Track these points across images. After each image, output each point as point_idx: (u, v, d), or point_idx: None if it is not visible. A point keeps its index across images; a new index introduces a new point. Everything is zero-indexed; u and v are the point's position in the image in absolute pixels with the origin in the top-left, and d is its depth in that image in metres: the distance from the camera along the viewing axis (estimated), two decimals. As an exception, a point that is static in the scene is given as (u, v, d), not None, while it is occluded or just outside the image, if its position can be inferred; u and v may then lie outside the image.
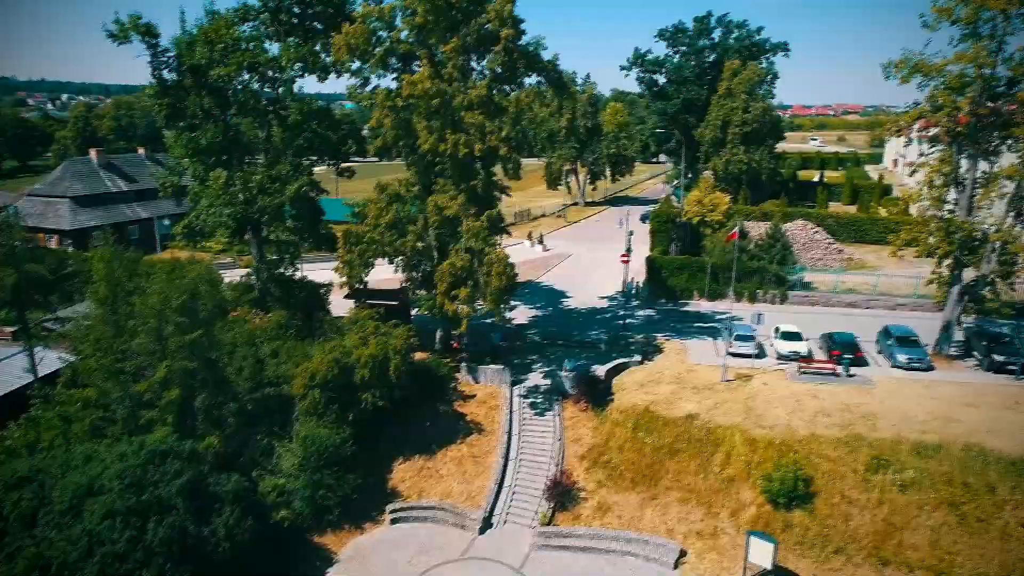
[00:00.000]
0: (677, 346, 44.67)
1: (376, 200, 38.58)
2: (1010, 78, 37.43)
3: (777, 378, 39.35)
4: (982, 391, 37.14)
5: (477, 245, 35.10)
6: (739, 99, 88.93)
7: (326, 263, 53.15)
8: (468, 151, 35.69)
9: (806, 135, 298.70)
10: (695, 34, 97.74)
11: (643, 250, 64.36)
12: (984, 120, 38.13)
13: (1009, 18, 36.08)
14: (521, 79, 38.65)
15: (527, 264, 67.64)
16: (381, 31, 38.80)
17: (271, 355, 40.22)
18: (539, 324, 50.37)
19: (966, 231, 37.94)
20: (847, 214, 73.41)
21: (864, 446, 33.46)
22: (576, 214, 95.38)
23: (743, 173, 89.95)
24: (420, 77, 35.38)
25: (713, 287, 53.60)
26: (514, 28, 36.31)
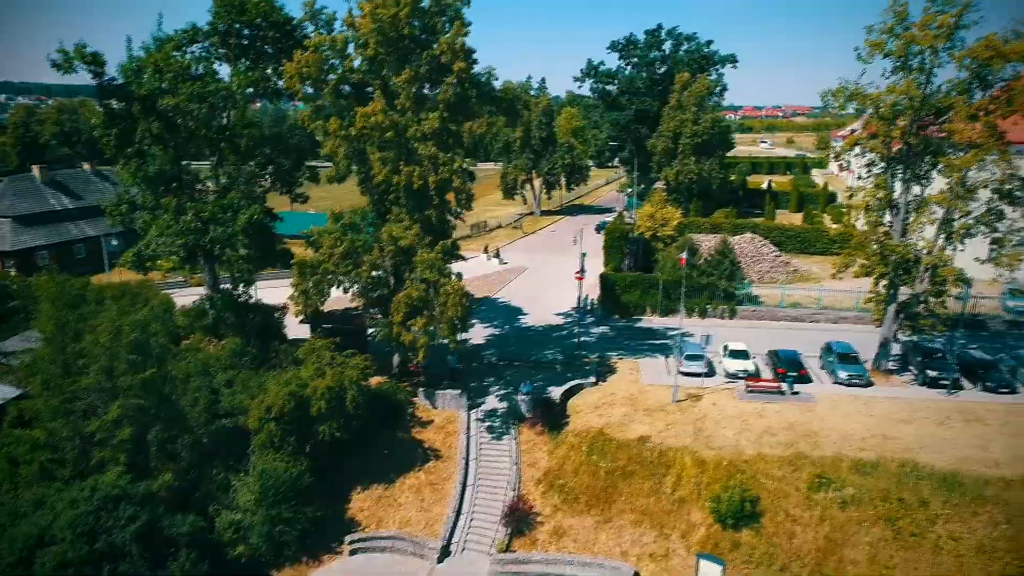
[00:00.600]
0: (630, 365, 45.73)
1: (330, 230, 38.64)
2: (939, 108, 39.38)
3: (726, 397, 40.67)
4: (917, 407, 39.01)
5: (432, 276, 35.48)
6: (689, 111, 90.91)
7: (283, 279, 52.76)
8: (422, 183, 36.07)
9: (756, 137, 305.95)
10: (646, 46, 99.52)
11: (598, 263, 65.60)
12: (915, 147, 40.05)
13: (936, 52, 38.00)
14: (474, 108, 39.08)
15: (483, 279, 68.39)
16: (333, 60, 38.90)
17: (225, 385, 40.03)
18: (496, 344, 50.94)
19: (900, 254, 39.77)
20: (793, 226, 75.73)
21: (807, 464, 34.93)
22: (532, 224, 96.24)
23: (694, 183, 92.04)
24: (372, 110, 35.61)
25: (665, 303, 54.93)
26: (466, 60, 36.81)
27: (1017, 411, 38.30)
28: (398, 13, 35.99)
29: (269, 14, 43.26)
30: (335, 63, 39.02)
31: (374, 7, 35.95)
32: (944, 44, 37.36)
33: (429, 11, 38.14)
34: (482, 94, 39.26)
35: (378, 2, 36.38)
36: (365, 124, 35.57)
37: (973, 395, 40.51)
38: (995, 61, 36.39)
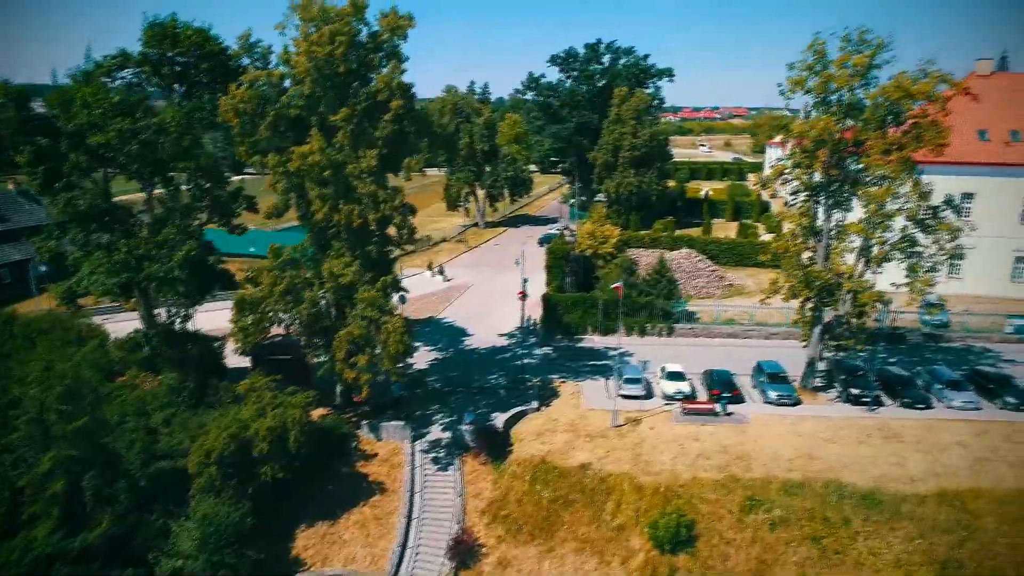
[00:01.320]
0: (572, 388, 46.79)
1: (270, 266, 38.41)
2: (857, 141, 41.58)
3: (663, 420, 42.08)
4: (841, 425, 41.14)
5: (373, 315, 35.71)
6: (628, 125, 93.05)
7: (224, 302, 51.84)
8: (362, 220, 36.25)
9: (695, 140, 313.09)
10: (585, 60, 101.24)
11: (541, 279, 66.44)
12: (835, 178, 42.19)
13: (853, 90, 40.17)
14: (413, 143, 39.43)
15: (428, 298, 68.62)
16: (270, 95, 38.67)
17: (163, 424, 39.49)
18: (440, 368, 51.32)
19: (823, 279, 41.84)
20: (728, 239, 78.25)
21: (739, 487, 36.54)
22: (476, 237, 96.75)
23: (634, 195, 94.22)
24: (310, 149, 35.60)
25: (605, 323, 56.23)
26: (404, 98, 37.14)
27: (931, 426, 40.79)
28: (333, 51, 36.07)
29: (203, 45, 42.77)
30: (272, 98, 38.75)
31: (309, 45, 35.96)
32: (859, 83, 39.51)
33: (366, 46, 38.34)
34: (421, 129, 39.60)
35: (313, 39, 36.40)
36: (302, 164, 35.51)
37: (892, 411, 42.93)
38: (904, 100, 38.70)
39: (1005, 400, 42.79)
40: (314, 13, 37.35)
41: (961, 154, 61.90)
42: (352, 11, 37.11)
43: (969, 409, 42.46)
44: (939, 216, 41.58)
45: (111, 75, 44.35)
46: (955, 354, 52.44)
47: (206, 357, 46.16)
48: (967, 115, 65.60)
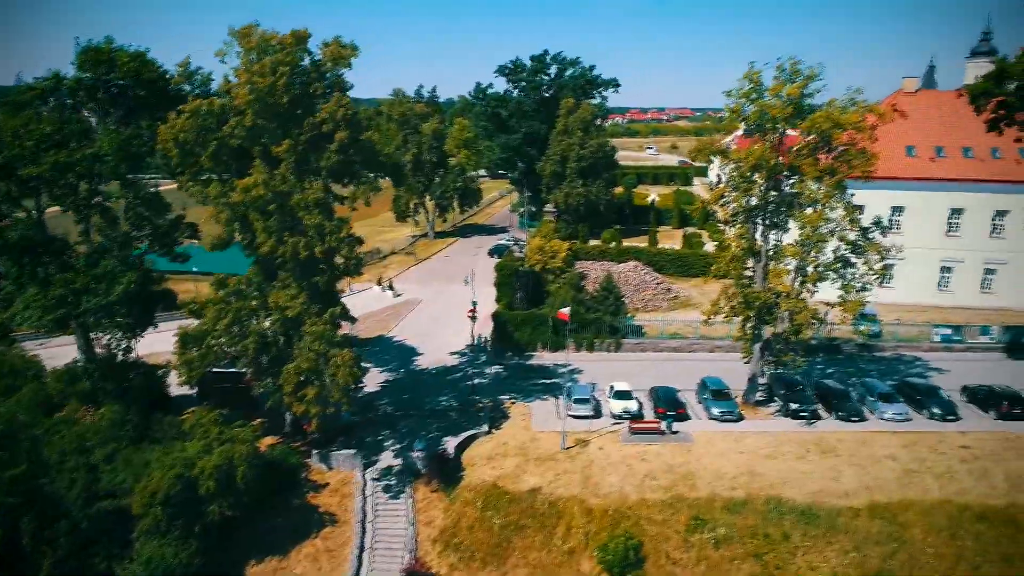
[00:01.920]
0: (522, 410, 47.31)
1: (214, 299, 37.83)
2: (791, 166, 43.18)
3: (611, 441, 42.97)
4: (781, 440, 42.68)
5: (321, 348, 35.56)
6: (575, 136, 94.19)
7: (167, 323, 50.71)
8: (308, 253, 36.06)
9: (642, 142, 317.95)
10: (532, 71, 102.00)
11: (491, 292, 66.77)
12: (772, 201, 43.73)
13: (788, 119, 41.72)
14: (358, 172, 39.36)
15: (378, 315, 68.39)
16: (211, 125, 38.02)
17: (105, 461, 38.56)
18: (391, 391, 51.27)
19: (762, 299, 43.34)
20: (673, 250, 79.90)
21: (685, 507, 37.64)
22: (426, 249, 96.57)
23: (582, 205, 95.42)
24: (253, 182, 35.22)
25: (555, 339, 57.00)
26: (348, 129, 37.03)
27: (864, 440, 42.65)
28: (275, 82, 35.77)
29: (141, 71, 41.85)
30: (213, 127, 38.11)
31: (250, 76, 35.57)
32: (792, 113, 41.06)
33: (309, 76, 38.11)
34: (367, 158, 39.55)
35: (254, 70, 36.03)
36: (245, 198, 35.13)
37: (829, 424, 44.71)
38: (834, 129, 40.38)
39: (932, 411, 45.01)
40: (255, 43, 36.99)
41: (891, 170, 64.72)
42: (294, 41, 36.85)
43: (900, 420, 44.54)
44: (869, 237, 43.44)
45: (44, 98, 43.10)
46: (887, 364, 54.90)
47: (149, 387, 45.25)
48: (895, 132, 68.53)
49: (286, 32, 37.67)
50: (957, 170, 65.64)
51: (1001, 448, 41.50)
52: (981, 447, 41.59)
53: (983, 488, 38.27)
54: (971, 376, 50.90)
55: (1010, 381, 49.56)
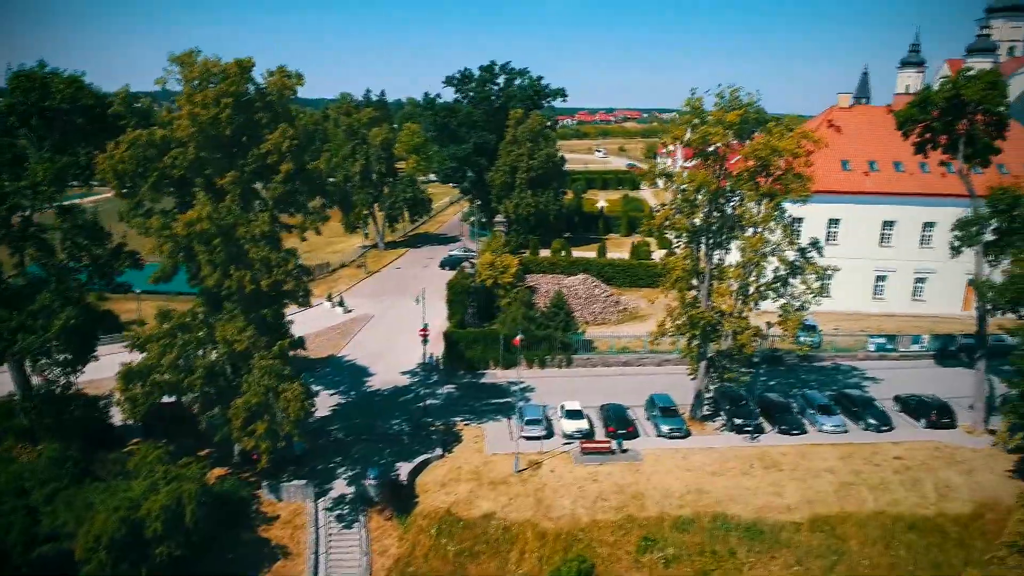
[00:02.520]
0: (475, 432, 47.62)
1: (158, 333, 37.01)
2: (732, 189, 44.56)
3: (563, 462, 43.63)
4: (726, 456, 44.01)
5: (271, 383, 35.21)
6: (524, 146, 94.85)
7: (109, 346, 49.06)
8: (255, 286, 35.64)
9: (591, 145, 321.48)
10: (480, 82, 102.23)
11: (443, 307, 66.81)
12: (714, 223, 45.04)
13: (729, 146, 43.04)
14: (305, 202, 39.07)
15: (328, 333, 67.69)
16: (152, 156, 37.17)
17: (45, 502, 37.33)
18: (342, 414, 50.92)
19: (706, 319, 44.60)
20: (622, 261, 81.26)
21: (635, 527, 38.57)
22: (376, 261, 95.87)
23: (532, 215, 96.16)
24: (197, 215, 34.56)
25: (507, 356, 57.43)
26: (294, 161, 36.72)
27: (805, 453, 44.34)
28: (219, 114, 35.26)
29: (77, 98, 40.68)
30: (154, 158, 37.26)
31: (192, 109, 34.95)
32: (732, 139, 42.39)
33: (254, 106, 37.64)
34: (314, 188, 39.28)
35: (196, 100, 35.43)
36: (189, 231, 34.52)
37: (771, 438, 46.30)
38: (772, 156, 41.84)
39: (868, 422, 47.07)
40: (197, 72, 36.37)
41: (828, 184, 67.09)
42: (238, 71, 36.34)
43: (838, 432, 46.41)
44: (807, 257, 45.10)
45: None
46: (826, 374, 57.05)
47: (90, 421, 43.99)
48: (832, 147, 71.25)
49: (230, 51, 37.22)
50: (889, 184, 68.55)
51: (930, 458, 43.66)
52: (912, 457, 43.68)
53: (914, 498, 40.26)
54: (904, 384, 53.41)
55: (939, 388, 52.25)
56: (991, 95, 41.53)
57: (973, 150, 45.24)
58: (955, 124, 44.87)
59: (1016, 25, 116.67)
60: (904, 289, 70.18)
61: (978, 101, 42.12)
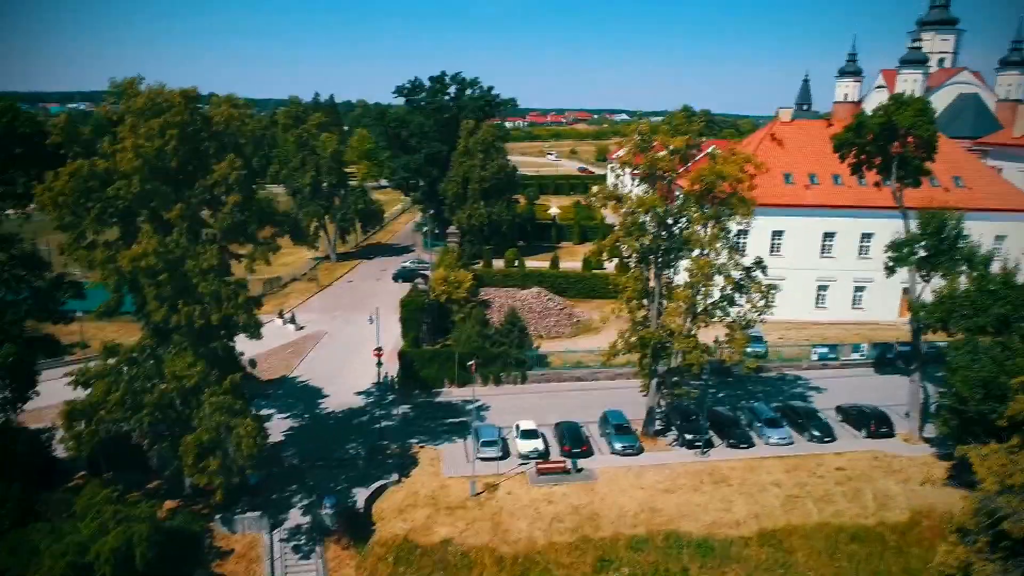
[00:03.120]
0: (431, 454, 47.77)
1: (103, 370, 36.14)
2: (680, 211, 45.71)
3: (519, 483, 44.14)
4: (678, 472, 45.15)
5: (223, 419, 34.74)
6: (476, 157, 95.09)
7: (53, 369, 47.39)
8: (204, 321, 35.12)
9: (543, 147, 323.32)
10: (431, 93, 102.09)
11: (396, 323, 66.60)
12: (663, 245, 46.13)
13: (675, 171, 44.17)
14: (254, 231, 38.64)
15: (280, 352, 66.80)
16: (94, 187, 36.23)
17: (-16, 547, 36.08)
18: (297, 439, 50.45)
19: (657, 338, 45.65)
20: (575, 273, 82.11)
21: (591, 548, 39.32)
22: (328, 274, 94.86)
23: (485, 226, 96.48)
24: (143, 250, 33.84)
25: (462, 374, 57.70)
26: (241, 192, 36.30)
27: (753, 467, 45.81)
28: (163, 146, 34.64)
29: (13, 126, 39.43)
30: (97, 189, 36.31)
31: (136, 142, 34.22)
32: (679, 167, 43.52)
33: (200, 136, 37.06)
34: (263, 217, 38.88)
35: (141, 132, 34.73)
36: (135, 266, 33.81)
37: (721, 452, 47.69)
38: (717, 181, 43.09)
39: (811, 433, 48.86)
40: (141, 103, 35.64)
41: (771, 197, 69.25)
42: (183, 101, 35.73)
43: (784, 444, 48.06)
44: (751, 276, 46.51)
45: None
46: (772, 384, 58.95)
47: (33, 456, 42.63)
48: (775, 161, 73.51)
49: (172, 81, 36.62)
50: (828, 197, 71.06)
51: (870, 467, 45.58)
52: (853, 468, 45.54)
53: (856, 509, 42.01)
54: (846, 392, 55.70)
55: (878, 396, 54.76)
56: (921, 122, 43.58)
57: (905, 171, 47.33)
58: (888, 147, 46.87)
59: (945, 38, 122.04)
60: (845, 297, 72.85)
61: (909, 127, 44.14)
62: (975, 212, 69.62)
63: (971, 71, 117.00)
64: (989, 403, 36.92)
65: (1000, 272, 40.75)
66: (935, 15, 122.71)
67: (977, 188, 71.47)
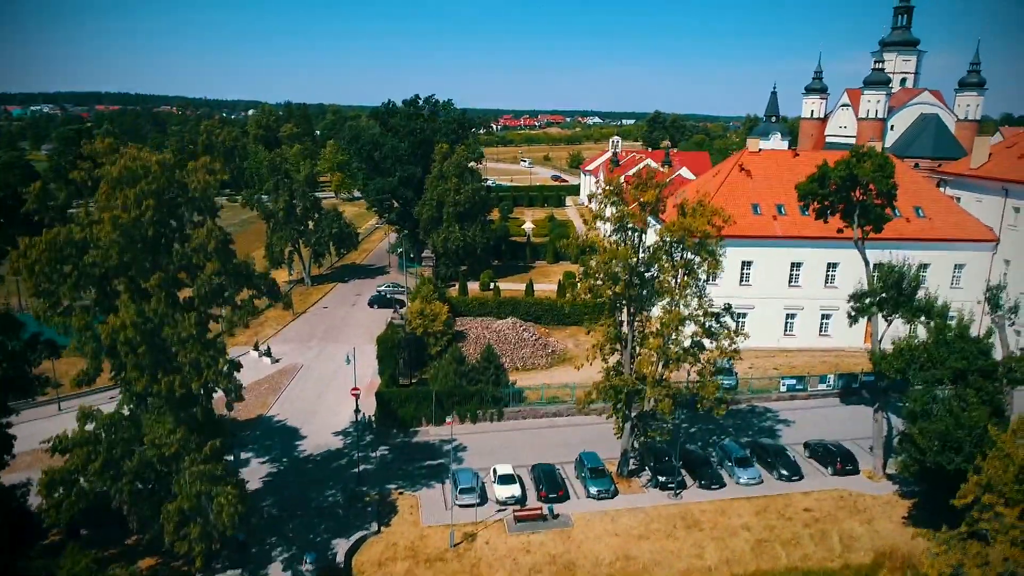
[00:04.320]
0: (410, 501, 48.34)
1: (81, 438, 36.17)
2: (650, 261, 46.87)
3: (497, 531, 44.95)
4: (652, 517, 46.30)
5: (203, 488, 35.07)
6: (451, 181, 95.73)
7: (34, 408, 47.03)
8: (184, 390, 35.39)
9: (517, 153, 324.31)
10: (405, 116, 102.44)
11: (372, 352, 67.05)
12: (635, 293, 47.24)
13: (646, 222, 45.31)
14: (232, 296, 38.96)
15: (255, 388, 66.68)
16: (71, 255, 36.25)
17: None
18: (275, 485, 50.72)
19: (630, 385, 46.78)
20: (549, 300, 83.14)
21: (568, 599, 40.26)
22: (303, 299, 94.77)
23: (460, 249, 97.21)
24: (121, 322, 33.99)
25: (439, 413, 58.43)
26: (220, 260, 36.60)
27: (724, 508, 47.17)
28: (140, 216, 34.81)
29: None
30: (73, 256, 36.34)
31: (113, 214, 34.34)
32: (648, 222, 44.66)
33: (176, 201, 37.27)
34: (241, 280, 39.17)
35: (117, 204, 34.86)
36: (113, 338, 33.97)
37: (693, 493, 48.98)
38: (686, 235, 44.31)
39: (780, 472, 50.39)
40: (117, 171, 35.72)
41: (741, 228, 70.91)
42: (159, 170, 35.91)
43: (754, 484, 49.52)
44: (720, 322, 47.79)
45: None
46: (742, 417, 60.52)
47: (8, 515, 42.36)
48: (743, 191, 75.35)
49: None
50: (795, 227, 72.85)
51: (836, 508, 47.19)
52: (820, 508, 47.12)
53: (822, 552, 43.53)
54: (813, 424, 57.67)
55: (844, 428, 56.78)
56: (879, 177, 45.23)
57: (867, 219, 49.02)
58: (851, 195, 48.50)
59: (906, 58, 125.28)
60: (812, 325, 74.80)
61: (868, 180, 45.81)
62: (935, 242, 72.57)
63: (932, 91, 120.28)
64: (946, 455, 38.63)
65: (956, 324, 42.48)
66: (897, 36, 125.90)
67: (937, 218, 73.83)
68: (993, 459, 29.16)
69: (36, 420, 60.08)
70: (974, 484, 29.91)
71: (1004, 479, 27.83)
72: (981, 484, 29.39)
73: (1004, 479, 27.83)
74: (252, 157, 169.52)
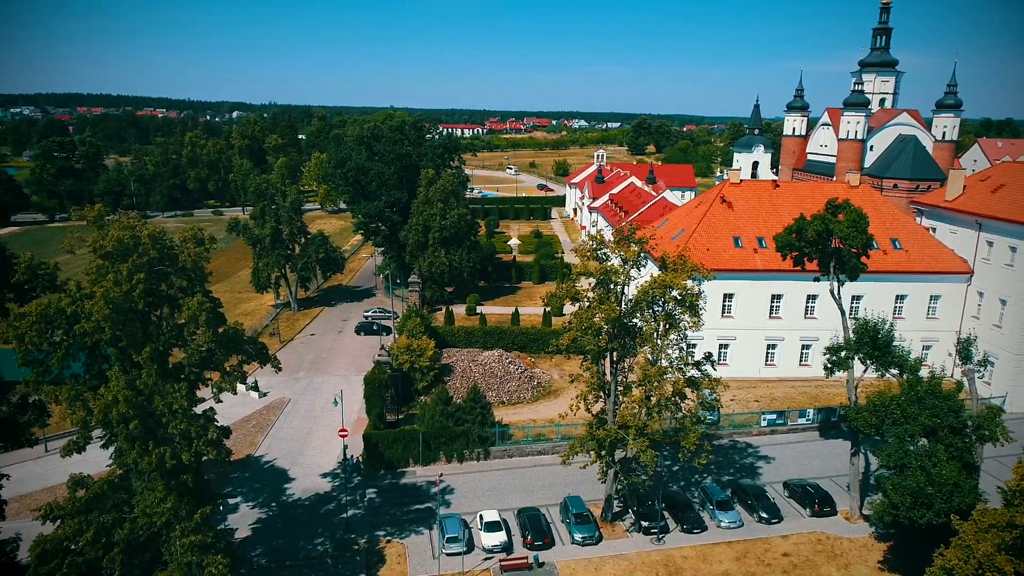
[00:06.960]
0: (398, 550, 49.11)
1: (72, 508, 36.64)
2: (633, 312, 47.91)
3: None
4: (635, 564, 47.35)
5: (194, 558, 35.68)
6: (436, 206, 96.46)
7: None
8: (175, 461, 35.94)
9: (502, 159, 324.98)
10: (390, 142, 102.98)
11: (359, 384, 67.69)
12: (618, 345, 48.27)
13: (629, 279, 46.33)
14: (222, 362, 39.53)
15: (243, 425, 67.33)
16: (60, 324, 36.67)
17: None
18: (263, 533, 51.27)
19: (613, 436, 47.80)
20: (535, 329, 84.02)
21: (552, 654, 41.25)
22: (290, 326, 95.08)
23: (446, 273, 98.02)
24: (112, 397, 34.48)
25: (426, 454, 59.24)
26: (209, 327, 37.18)
27: (705, 554, 48.34)
28: (131, 290, 35.31)
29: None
30: (63, 326, 36.78)
31: (105, 289, 34.80)
32: (631, 276, 45.70)
33: (165, 271, 37.75)
34: (231, 347, 39.73)
35: (108, 280, 35.31)
36: (103, 416, 34.48)
37: (676, 537, 50.12)
38: (666, 291, 45.39)
39: (760, 515, 51.67)
40: (109, 244, 36.16)
41: (722, 261, 72.40)
42: (149, 243, 36.41)
43: (734, 527, 50.75)
44: (702, 370, 48.91)
45: None
46: (723, 454, 61.80)
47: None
48: (724, 223, 76.62)
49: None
50: (776, 260, 73.50)
51: (814, 552, 48.50)
52: (798, 553, 48.40)
53: (800, 600, 44.84)
54: (792, 460, 59.12)
55: (823, 464, 58.19)
56: (853, 234, 46.53)
57: (843, 269, 50.32)
58: (827, 246, 49.77)
59: (885, 79, 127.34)
60: (792, 355, 76.29)
61: (843, 237, 47.12)
62: (912, 275, 74.23)
63: (910, 112, 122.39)
64: (918, 510, 39.95)
65: (928, 379, 43.82)
66: (875, 57, 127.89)
67: (913, 250, 75.52)
68: (956, 548, 30.20)
69: (23, 463, 60.41)
70: (938, 569, 31.03)
71: (965, 570, 28.79)
72: (946, 569, 30.44)
73: (965, 570, 28.79)
74: (237, 170, 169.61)
